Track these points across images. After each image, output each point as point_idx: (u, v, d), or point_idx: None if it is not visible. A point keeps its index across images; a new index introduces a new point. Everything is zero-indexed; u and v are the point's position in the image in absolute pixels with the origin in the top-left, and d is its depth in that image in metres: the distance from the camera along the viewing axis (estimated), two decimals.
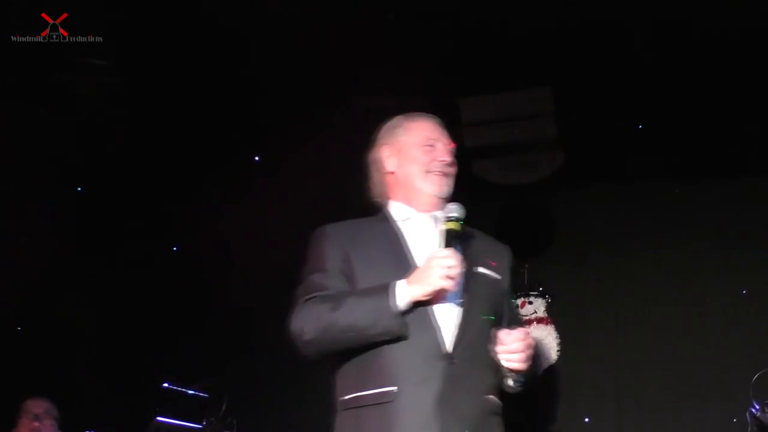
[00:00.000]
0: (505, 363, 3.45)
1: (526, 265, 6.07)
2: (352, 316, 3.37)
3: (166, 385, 6.18)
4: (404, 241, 3.60)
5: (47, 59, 5.71)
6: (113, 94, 5.98)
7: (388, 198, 3.76)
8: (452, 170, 3.74)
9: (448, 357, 3.41)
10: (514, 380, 3.57)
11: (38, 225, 6.44)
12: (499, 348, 3.43)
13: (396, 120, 3.84)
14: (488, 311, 3.59)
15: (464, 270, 3.49)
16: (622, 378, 5.91)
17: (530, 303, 6.08)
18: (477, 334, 3.49)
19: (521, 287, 6.01)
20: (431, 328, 3.43)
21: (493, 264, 3.69)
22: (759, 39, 5.39)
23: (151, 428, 6.04)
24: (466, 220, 3.58)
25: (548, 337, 6.06)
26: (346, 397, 3.47)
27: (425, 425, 3.33)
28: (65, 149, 6.36)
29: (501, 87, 5.92)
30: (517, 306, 3.92)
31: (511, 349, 3.43)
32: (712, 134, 5.78)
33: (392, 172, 3.74)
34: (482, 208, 4.43)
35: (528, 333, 3.49)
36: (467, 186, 3.88)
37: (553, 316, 6.10)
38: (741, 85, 5.62)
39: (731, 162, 5.78)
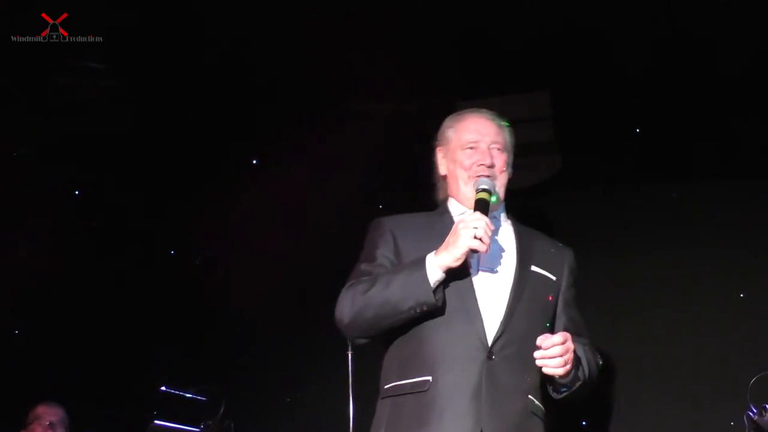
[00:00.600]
0: (543, 368, 3.40)
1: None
2: (386, 292, 3.35)
3: (163, 388, 6.16)
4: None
5: (46, 62, 5.71)
6: (112, 98, 5.99)
7: (448, 196, 3.78)
8: (497, 170, 3.71)
9: (488, 351, 3.38)
10: (556, 387, 3.54)
11: (36, 228, 6.43)
12: (537, 353, 3.37)
13: (449, 119, 3.83)
14: (538, 311, 3.57)
15: (516, 267, 3.55)
16: (619, 381, 5.90)
17: None
18: (522, 332, 3.46)
19: None
20: (475, 321, 3.41)
21: (549, 264, 3.68)
22: (755, 43, 5.40)
23: (149, 431, 6.03)
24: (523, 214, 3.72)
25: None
26: (387, 386, 3.47)
27: (459, 418, 3.31)
28: (64, 153, 6.35)
29: (499, 90, 5.93)
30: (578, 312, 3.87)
31: (548, 354, 3.36)
32: (709, 138, 5.78)
33: (444, 176, 3.78)
34: None
35: (568, 337, 3.42)
36: None
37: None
38: (739, 89, 5.63)
39: (729, 166, 5.78)
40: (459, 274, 3.44)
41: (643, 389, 5.83)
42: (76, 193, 6.78)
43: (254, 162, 6.61)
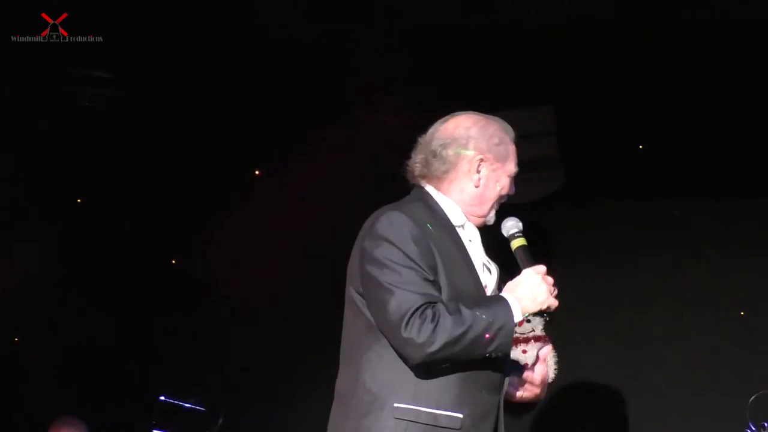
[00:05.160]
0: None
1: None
2: (477, 332, 3.16)
3: (162, 398, 6.16)
4: (465, 247, 3.40)
5: (50, 70, 5.72)
6: (115, 106, 6.00)
7: (438, 186, 3.48)
8: None
9: (503, 392, 3.34)
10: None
11: (37, 235, 6.43)
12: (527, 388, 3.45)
13: (497, 131, 3.53)
14: None
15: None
16: (619, 397, 5.91)
17: (528, 321, 6.02)
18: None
19: None
20: (504, 362, 3.31)
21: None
22: (756, 63, 5.42)
23: None
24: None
25: None
26: (402, 405, 3.21)
27: None
28: (66, 159, 6.36)
29: (503, 105, 5.94)
30: None
31: (537, 392, 3.46)
32: (712, 156, 5.80)
33: (476, 186, 3.46)
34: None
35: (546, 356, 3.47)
36: None
37: (550, 335, 6.10)
38: (743, 108, 5.65)
39: (731, 184, 5.80)
40: None
41: (643, 406, 5.84)
42: (78, 201, 6.78)
43: (257, 172, 6.63)
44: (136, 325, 6.55)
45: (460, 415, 3.19)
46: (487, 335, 3.16)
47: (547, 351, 3.49)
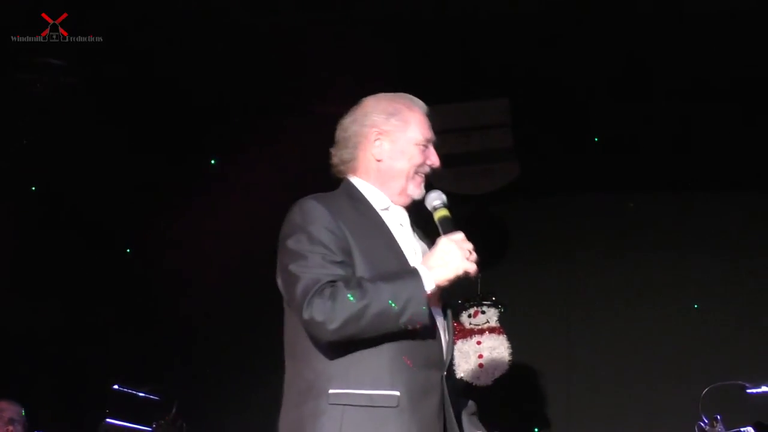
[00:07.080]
0: None
1: (480, 275, 6.10)
2: (382, 303, 3.12)
3: (116, 387, 6.14)
4: (389, 230, 3.35)
5: (6, 58, 5.68)
6: (69, 94, 5.96)
7: (356, 174, 3.47)
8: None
9: (443, 368, 3.27)
10: None
11: None
12: None
13: (392, 103, 3.50)
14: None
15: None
16: (572, 389, 5.94)
17: (483, 312, 6.09)
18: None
19: (474, 296, 6.03)
20: (437, 336, 3.27)
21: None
22: (709, 55, 5.45)
23: (101, 430, 6.01)
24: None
25: (500, 347, 6.07)
26: (338, 391, 3.18)
27: None
28: (19, 148, 6.32)
29: (459, 97, 5.94)
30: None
31: None
32: (666, 149, 5.83)
33: (378, 160, 3.43)
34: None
35: None
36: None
37: (505, 326, 6.13)
38: (694, 101, 5.68)
39: (684, 177, 5.84)
40: None
41: (596, 397, 5.87)
42: (32, 189, 6.73)
43: (212, 162, 6.61)
44: (90, 315, 6.52)
45: (397, 393, 3.16)
46: (394, 306, 3.13)
47: None
